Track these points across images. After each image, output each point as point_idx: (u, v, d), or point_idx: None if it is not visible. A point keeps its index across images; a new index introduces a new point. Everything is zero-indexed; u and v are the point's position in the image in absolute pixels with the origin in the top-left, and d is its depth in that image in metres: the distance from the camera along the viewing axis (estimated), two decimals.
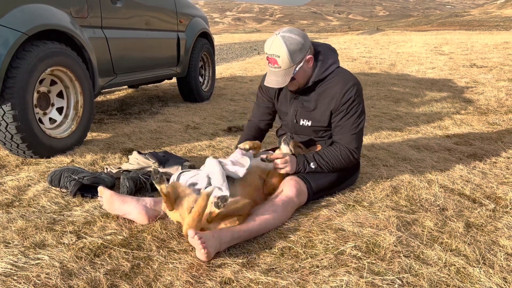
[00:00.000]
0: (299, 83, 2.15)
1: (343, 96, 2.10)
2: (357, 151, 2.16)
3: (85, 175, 2.25)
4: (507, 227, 1.87)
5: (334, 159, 2.12)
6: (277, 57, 2.01)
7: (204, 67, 5.38)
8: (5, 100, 2.52)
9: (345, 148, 2.13)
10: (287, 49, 1.99)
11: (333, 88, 2.13)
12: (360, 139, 2.18)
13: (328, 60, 2.16)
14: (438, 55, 10.37)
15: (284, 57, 2.00)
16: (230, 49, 15.86)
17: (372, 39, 19.38)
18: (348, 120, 2.13)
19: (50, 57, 2.75)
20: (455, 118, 4.08)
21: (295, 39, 2.01)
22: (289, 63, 2.01)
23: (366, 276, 1.50)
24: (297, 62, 2.04)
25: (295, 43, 2.01)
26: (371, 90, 5.78)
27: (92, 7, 3.25)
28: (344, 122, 2.13)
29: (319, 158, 2.12)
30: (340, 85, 2.11)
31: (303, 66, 2.08)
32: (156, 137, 3.43)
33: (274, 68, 2.05)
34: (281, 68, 2.03)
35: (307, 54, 2.08)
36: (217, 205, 1.65)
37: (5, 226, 1.86)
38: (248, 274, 1.52)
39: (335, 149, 2.13)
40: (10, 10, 2.54)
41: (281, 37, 2.01)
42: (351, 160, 2.15)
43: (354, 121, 2.13)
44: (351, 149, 2.13)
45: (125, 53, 3.73)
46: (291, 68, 2.04)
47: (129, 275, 1.52)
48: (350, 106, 2.11)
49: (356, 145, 2.15)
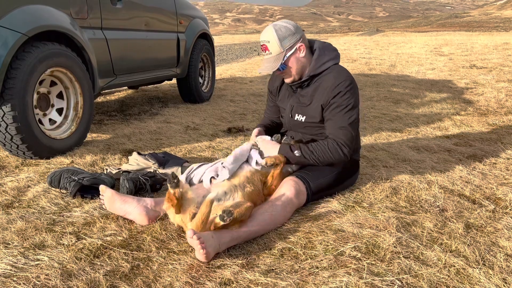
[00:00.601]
0: (292, 73, 2.18)
1: (333, 89, 2.10)
2: (347, 145, 2.10)
3: (84, 176, 2.25)
4: (507, 228, 1.87)
5: (320, 151, 2.10)
6: (267, 42, 2.11)
7: (204, 68, 5.38)
8: (5, 101, 2.52)
9: (333, 141, 2.10)
10: (276, 35, 2.09)
11: (326, 82, 2.14)
12: (350, 133, 2.11)
13: (325, 56, 2.18)
14: (438, 56, 10.38)
15: (273, 42, 2.09)
16: (230, 50, 15.87)
17: (372, 40, 19.39)
18: (338, 113, 2.11)
19: (50, 58, 2.75)
20: (455, 119, 4.09)
21: (285, 26, 2.12)
22: (278, 49, 2.10)
23: (366, 277, 1.49)
24: (287, 48, 2.11)
25: (285, 30, 2.10)
26: (371, 91, 5.78)
27: (92, 8, 3.25)
28: (334, 116, 2.12)
29: (304, 148, 2.11)
30: (332, 79, 2.12)
31: (295, 53, 2.14)
32: (156, 138, 3.43)
33: (266, 54, 2.15)
34: (271, 54, 2.12)
35: (298, 42, 2.13)
36: (222, 218, 1.64)
37: (4, 227, 1.86)
38: (248, 275, 1.52)
39: (323, 142, 2.12)
40: (10, 11, 2.54)
41: (273, 25, 2.13)
42: (339, 154, 2.09)
43: (345, 114, 2.10)
44: (340, 143, 2.09)
45: (125, 54, 3.73)
46: (281, 54, 2.11)
47: (129, 276, 1.52)
48: (341, 99, 2.10)
49: (346, 138, 2.09)
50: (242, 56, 12.87)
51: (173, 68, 4.58)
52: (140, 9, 3.96)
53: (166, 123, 3.99)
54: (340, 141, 2.09)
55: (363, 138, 3.42)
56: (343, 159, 2.13)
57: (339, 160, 2.13)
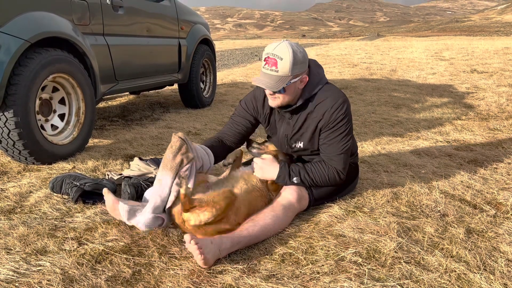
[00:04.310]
0: (285, 99, 2.04)
1: (331, 114, 2.02)
2: (344, 171, 2.08)
3: (86, 181, 2.26)
4: (507, 233, 1.87)
5: (320, 178, 2.05)
6: (280, 59, 1.90)
7: (205, 73, 5.40)
8: (7, 107, 2.53)
9: (333, 169, 2.05)
10: (293, 57, 1.91)
11: (322, 106, 2.04)
12: (346, 159, 2.08)
13: (316, 78, 2.08)
14: (438, 60, 10.40)
15: (286, 62, 1.90)
16: (231, 55, 15.92)
17: (372, 45, 19.44)
18: (335, 138, 2.05)
19: (52, 64, 2.77)
20: (456, 124, 4.09)
21: (301, 52, 1.97)
22: (287, 71, 1.91)
23: (367, 282, 1.50)
24: (294, 75, 1.95)
25: (301, 56, 1.95)
26: (371, 95, 5.79)
27: (94, 14, 3.28)
28: (331, 141, 2.05)
29: (304, 174, 2.04)
30: (329, 103, 2.03)
31: (297, 83, 2.00)
32: (157, 143, 3.44)
33: (270, 70, 1.93)
34: (277, 72, 1.92)
35: (304, 73, 2.02)
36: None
37: (7, 232, 1.87)
38: (249, 281, 1.52)
39: (323, 168, 2.05)
40: (12, 18, 2.57)
41: (289, 43, 1.94)
42: (336, 181, 2.08)
43: (342, 139, 2.05)
44: (339, 170, 2.05)
45: (127, 59, 3.75)
46: (287, 78, 1.93)
47: (130, 281, 1.53)
48: (339, 124, 2.03)
49: (343, 165, 2.07)
50: (243, 61, 12.91)
51: (174, 73, 4.60)
52: (141, 15, 3.98)
53: (168, 128, 4.00)
54: (340, 169, 2.06)
55: (364, 143, 3.42)
56: (340, 183, 2.13)
57: (335, 184, 2.13)
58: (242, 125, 2.30)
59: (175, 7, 4.58)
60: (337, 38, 51.90)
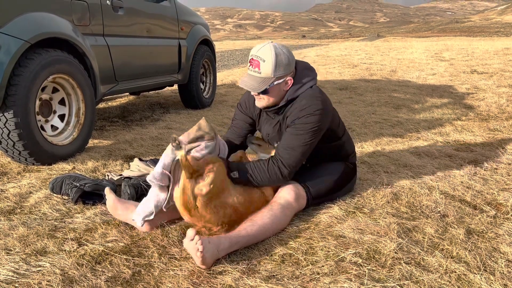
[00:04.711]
0: (269, 100, 2.05)
1: (300, 111, 1.98)
2: (289, 166, 1.96)
3: (86, 182, 2.26)
4: (508, 234, 1.87)
5: (259, 173, 1.95)
6: (262, 60, 1.94)
7: (205, 74, 5.40)
8: (7, 107, 2.53)
9: (274, 162, 1.96)
10: (275, 59, 1.93)
11: (297, 107, 2.01)
12: (296, 159, 1.97)
13: (301, 80, 2.06)
14: (438, 61, 10.40)
15: (268, 64, 1.93)
16: (231, 55, 15.93)
17: (372, 46, 19.45)
18: (292, 134, 1.98)
19: (52, 64, 2.77)
20: (456, 124, 4.09)
21: (285, 54, 1.97)
22: (269, 73, 1.94)
23: (367, 283, 1.49)
24: (277, 77, 1.97)
25: (284, 58, 1.96)
26: (371, 96, 5.79)
27: (94, 15, 3.28)
28: (288, 135, 2.00)
29: (243, 170, 1.95)
30: (303, 103, 1.99)
31: (281, 84, 2.00)
32: (157, 144, 3.44)
33: (253, 72, 1.98)
34: (260, 74, 1.96)
35: (289, 75, 2.01)
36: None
37: (6, 233, 1.87)
38: (249, 281, 1.52)
39: (265, 163, 1.97)
40: (12, 19, 2.57)
41: (273, 45, 1.97)
42: (279, 177, 1.96)
43: (299, 136, 1.97)
44: (282, 163, 1.95)
45: (127, 60, 3.75)
46: (269, 79, 1.96)
47: (130, 282, 1.53)
48: (302, 120, 1.97)
49: (290, 160, 1.95)
50: (243, 62, 12.91)
51: (174, 74, 4.60)
52: (141, 16, 3.99)
53: (168, 129, 4.00)
54: (283, 161, 1.96)
55: (364, 143, 3.42)
56: (282, 181, 2.01)
57: (277, 183, 2.02)
58: (243, 128, 2.33)
59: (175, 8, 4.59)
60: (337, 39, 51.94)
